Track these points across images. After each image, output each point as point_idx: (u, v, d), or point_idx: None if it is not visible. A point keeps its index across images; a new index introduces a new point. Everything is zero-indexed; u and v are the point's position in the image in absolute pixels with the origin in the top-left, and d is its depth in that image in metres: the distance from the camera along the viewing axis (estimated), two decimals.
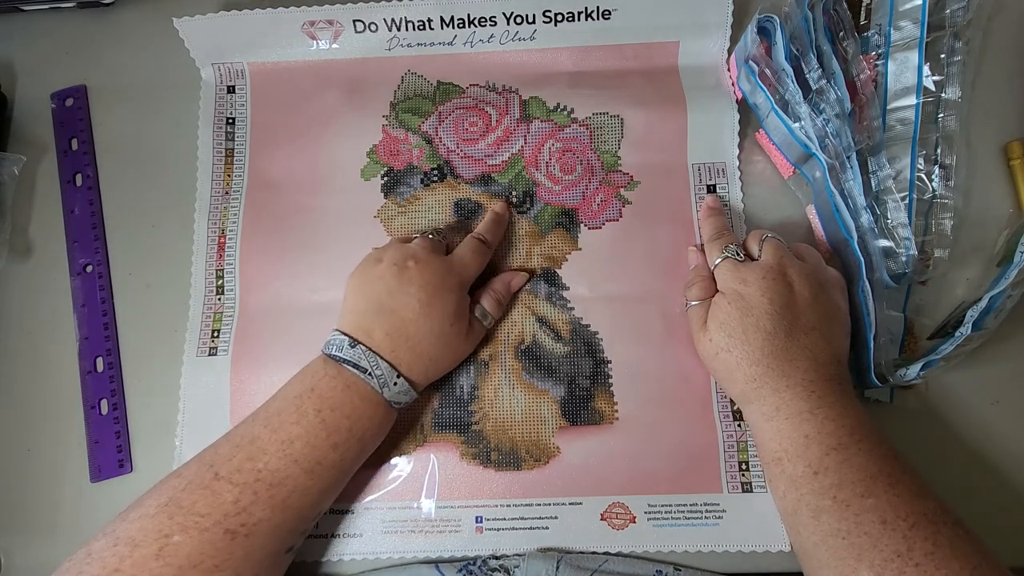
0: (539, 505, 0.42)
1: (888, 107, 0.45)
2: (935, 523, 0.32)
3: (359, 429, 0.37)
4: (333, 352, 0.38)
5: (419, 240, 0.41)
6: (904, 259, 0.42)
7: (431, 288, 0.38)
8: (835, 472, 0.34)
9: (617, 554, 0.41)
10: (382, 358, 0.37)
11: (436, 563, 0.41)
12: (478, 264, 0.42)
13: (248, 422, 0.37)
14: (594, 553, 0.41)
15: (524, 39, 0.48)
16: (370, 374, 0.37)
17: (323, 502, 0.37)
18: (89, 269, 0.47)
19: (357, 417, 0.37)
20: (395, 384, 0.37)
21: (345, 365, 0.37)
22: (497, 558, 0.41)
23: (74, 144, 0.50)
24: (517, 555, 0.40)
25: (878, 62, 0.45)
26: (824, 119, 0.41)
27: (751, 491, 0.41)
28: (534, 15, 0.47)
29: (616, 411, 0.43)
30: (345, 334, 0.38)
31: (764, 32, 0.44)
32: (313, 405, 0.36)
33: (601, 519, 0.41)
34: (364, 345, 0.37)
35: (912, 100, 0.44)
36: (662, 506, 0.41)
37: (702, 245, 0.44)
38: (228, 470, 0.34)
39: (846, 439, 0.35)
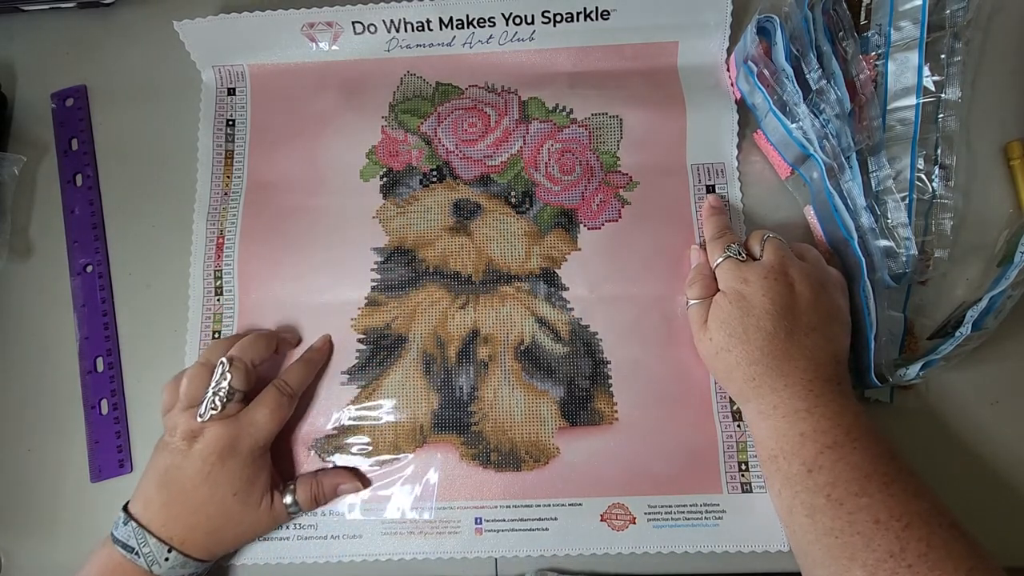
0: (539, 506, 0.42)
1: (888, 107, 0.45)
2: (930, 524, 0.32)
3: None
4: (112, 531, 0.38)
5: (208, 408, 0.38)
6: (904, 259, 0.42)
7: (213, 458, 0.37)
8: (829, 471, 0.34)
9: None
10: (151, 534, 0.37)
11: None
12: (275, 421, 0.39)
13: None
14: (592, 574, 0.41)
15: (523, 40, 0.48)
16: (137, 553, 0.36)
17: None
18: (89, 269, 0.47)
19: None
20: (166, 560, 0.36)
21: (116, 545, 0.37)
22: None
23: (74, 144, 0.50)
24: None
25: (878, 62, 0.45)
26: (824, 119, 0.41)
27: (751, 491, 0.41)
28: (533, 16, 0.47)
29: (616, 411, 0.43)
30: (126, 510, 0.38)
31: (764, 32, 0.44)
32: None
33: (601, 520, 0.41)
34: (136, 521, 0.37)
35: (912, 100, 0.44)
36: (662, 507, 0.41)
37: (703, 244, 0.44)
38: None
39: (841, 438, 0.35)
